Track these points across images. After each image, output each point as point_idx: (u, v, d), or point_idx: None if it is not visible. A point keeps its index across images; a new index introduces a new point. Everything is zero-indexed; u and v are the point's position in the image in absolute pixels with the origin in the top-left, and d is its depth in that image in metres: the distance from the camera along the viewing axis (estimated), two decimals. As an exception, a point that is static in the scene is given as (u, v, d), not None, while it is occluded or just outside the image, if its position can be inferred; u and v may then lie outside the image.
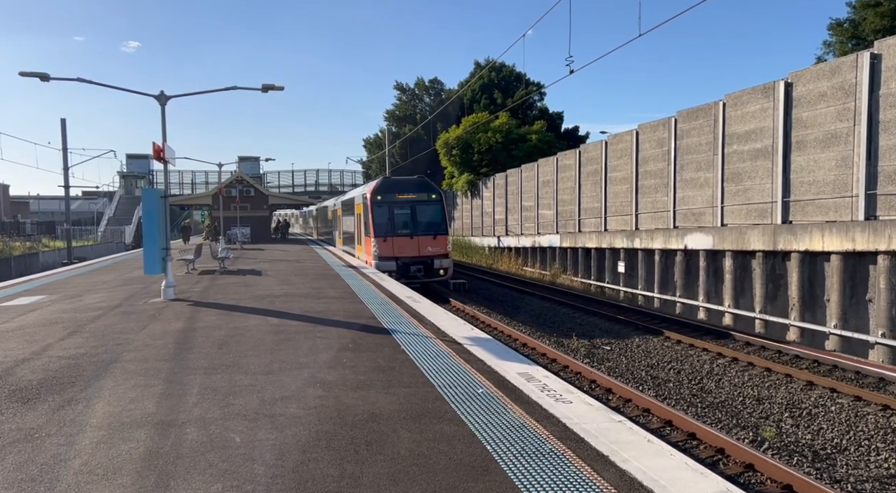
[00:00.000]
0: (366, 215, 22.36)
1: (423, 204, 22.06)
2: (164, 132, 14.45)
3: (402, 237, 21.34)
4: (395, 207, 21.72)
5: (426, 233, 21.61)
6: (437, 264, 21.45)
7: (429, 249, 21.35)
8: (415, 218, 21.73)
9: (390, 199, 21.78)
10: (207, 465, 4.62)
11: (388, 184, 22.58)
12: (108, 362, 7.94)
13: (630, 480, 4.21)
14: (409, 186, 22.51)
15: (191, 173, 66.58)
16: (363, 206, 22.94)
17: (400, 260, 21.04)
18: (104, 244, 50.98)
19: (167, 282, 13.90)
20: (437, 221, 21.95)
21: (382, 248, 21.13)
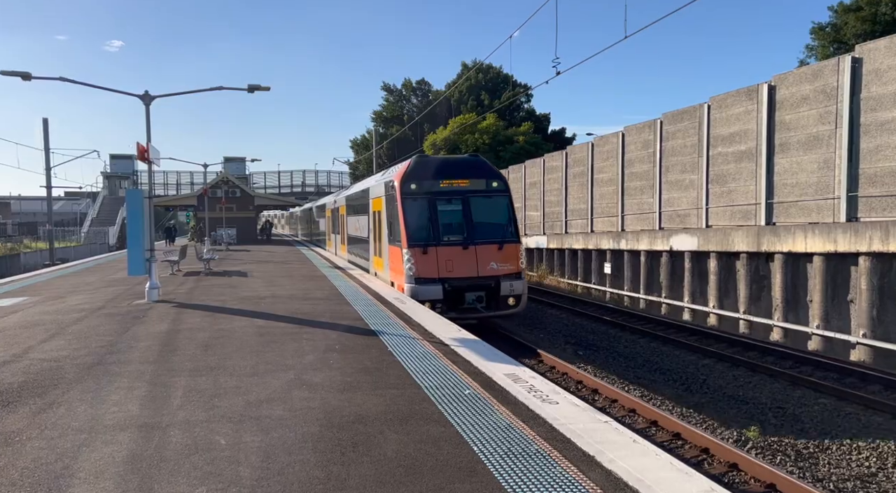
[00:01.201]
0: (390, 214, 15.28)
1: (482, 196, 14.69)
2: (149, 132, 14.31)
3: (451, 247, 13.98)
4: (440, 201, 14.46)
5: (489, 240, 14.25)
6: (506, 289, 13.91)
7: (493, 265, 13.97)
8: (469, 217, 14.38)
9: (431, 188, 14.54)
10: (192, 467, 4.58)
11: (426, 165, 15.09)
12: (90, 364, 7.84)
13: (616, 480, 4.22)
14: (459, 168, 15.06)
15: (176, 174, 66.05)
16: (385, 200, 15.83)
17: (449, 283, 13.73)
18: (87, 246, 50.38)
19: (151, 283, 13.76)
20: (503, 220, 14.72)
21: (421, 264, 13.81)
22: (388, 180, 15.63)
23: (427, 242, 14.00)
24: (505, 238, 14.43)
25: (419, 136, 53.94)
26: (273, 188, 64.77)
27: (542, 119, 53.70)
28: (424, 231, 14.15)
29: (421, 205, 14.39)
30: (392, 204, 14.99)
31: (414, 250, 13.89)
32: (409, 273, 13.77)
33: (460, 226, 14.36)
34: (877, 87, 13.84)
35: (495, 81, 55.09)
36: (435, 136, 45.81)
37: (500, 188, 14.95)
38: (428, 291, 13.63)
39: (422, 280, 13.71)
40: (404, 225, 14.13)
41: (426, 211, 14.34)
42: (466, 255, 13.98)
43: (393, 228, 15.10)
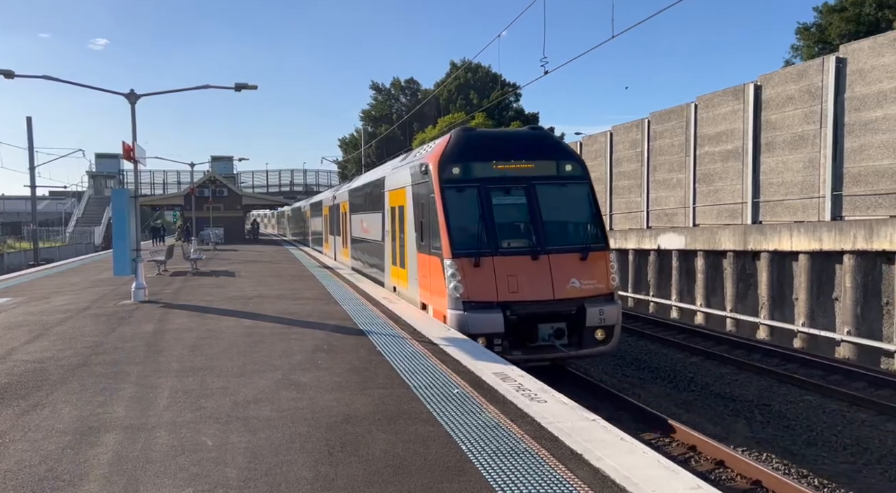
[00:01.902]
0: (421, 209, 11.25)
1: (553, 184, 10.69)
2: (135, 131, 14.18)
3: (515, 257, 10.06)
4: (495, 191, 10.48)
5: (567, 246, 10.31)
6: (594, 318, 9.90)
7: (575, 282, 10.04)
8: (538, 215, 10.36)
9: (482, 172, 10.55)
10: (178, 469, 4.54)
11: (473, 142, 11.00)
12: (75, 365, 7.76)
13: (603, 478, 4.24)
14: (519, 145, 11.05)
15: (162, 173, 65.50)
16: (413, 191, 11.76)
17: (514, 309, 9.69)
18: (72, 246, 49.87)
19: (137, 283, 13.64)
20: (584, 218, 10.67)
21: (472, 281, 9.86)
22: (419, 164, 11.35)
23: (480, 250, 9.78)
24: (589, 244, 10.19)
25: (408, 135, 53.88)
26: (261, 188, 64.40)
27: (530, 118, 53.84)
28: (475, 234, 9.93)
29: (469, 197, 10.28)
30: (424, 196, 10.95)
31: (461, 261, 9.72)
32: (453, 294, 9.62)
33: (525, 227, 10.21)
34: (860, 87, 14.00)
35: (484, 81, 55.17)
36: (424, 135, 45.79)
37: (576, 173, 10.78)
38: (483, 321, 9.37)
39: (473, 305, 9.54)
40: (445, 225, 10.01)
41: (477, 205, 10.15)
42: (537, 268, 9.85)
43: (426, 229, 10.87)
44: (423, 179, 11.12)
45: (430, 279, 10.77)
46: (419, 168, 11.28)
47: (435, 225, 10.43)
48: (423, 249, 11.10)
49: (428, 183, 10.78)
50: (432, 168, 10.64)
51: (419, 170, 11.28)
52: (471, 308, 9.62)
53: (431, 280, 10.66)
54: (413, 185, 11.77)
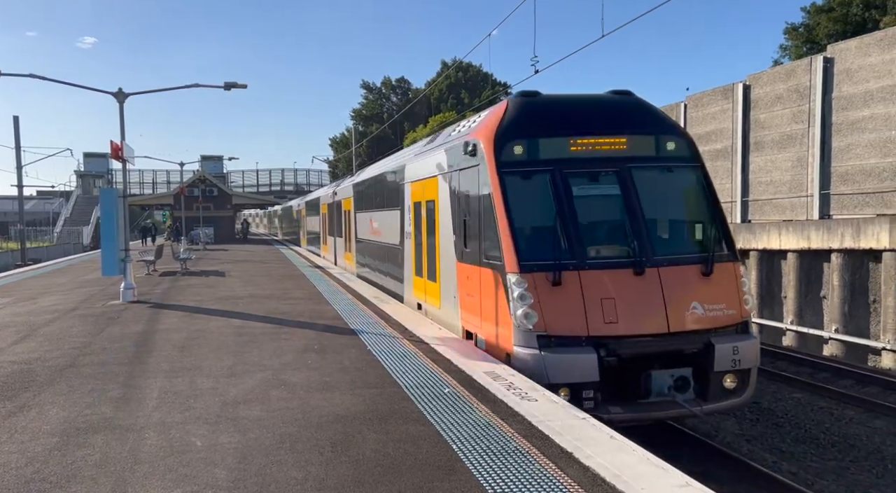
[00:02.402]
0: (463, 203, 8.76)
1: (654, 167, 8.04)
2: (123, 131, 14.09)
3: (609, 272, 7.30)
4: (576, 178, 7.78)
5: (681, 255, 7.60)
6: (724, 358, 7.05)
7: (696, 307, 7.21)
8: (636, 211, 7.59)
9: (555, 152, 7.84)
10: (167, 470, 4.51)
11: (540, 111, 8.22)
12: (63, 366, 7.69)
13: (593, 476, 4.25)
14: (604, 115, 8.29)
15: (151, 173, 65.05)
16: (450, 181, 9.27)
17: (612, 347, 6.88)
18: (60, 246, 49.45)
19: (126, 284, 13.55)
20: (699, 215, 8.08)
21: (551, 306, 7.07)
22: (461, 144, 8.56)
23: (560, 261, 7.06)
24: (711, 252, 7.43)
25: (399, 134, 53.83)
26: (251, 187, 64.11)
27: (521, 118, 53.85)
28: (552, 238, 7.21)
29: (539, 186, 7.67)
30: (470, 186, 8.35)
31: (534, 277, 7.04)
32: (523, 325, 6.92)
33: (622, 228, 7.51)
34: (848, 86, 14.12)
35: (475, 80, 55.21)
36: (415, 134, 45.77)
37: (683, 153, 8.03)
38: (567, 365, 6.73)
39: (553, 341, 6.87)
40: (508, 226, 7.31)
41: (551, 198, 7.50)
42: (642, 287, 7.10)
43: (472, 230, 8.27)
44: (468, 163, 8.30)
45: (480, 300, 7.96)
46: (462, 149, 8.43)
47: (489, 226, 7.65)
48: (469, 257, 8.35)
49: (477, 168, 8.01)
50: (484, 148, 7.81)
51: (462, 152, 8.44)
52: (549, 345, 6.79)
53: (484, 301, 7.83)
54: (451, 172, 9.07)
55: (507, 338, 7.21)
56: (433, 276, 10.12)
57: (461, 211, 8.73)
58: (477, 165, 8.10)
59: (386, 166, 14.75)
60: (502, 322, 7.34)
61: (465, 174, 8.55)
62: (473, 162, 8.21)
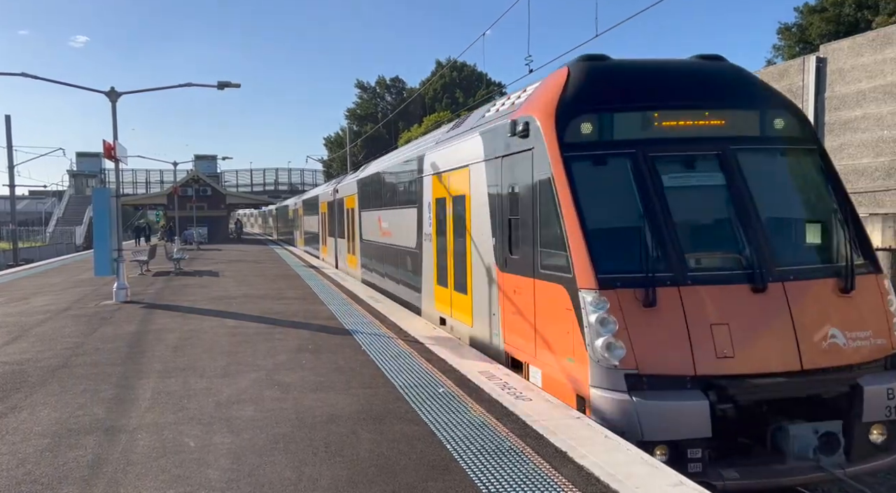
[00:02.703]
0: (515, 199, 6.92)
1: (763, 150, 6.20)
2: (115, 130, 14.03)
3: (716, 288, 5.46)
4: (664, 162, 5.96)
5: (810, 266, 5.77)
6: (875, 404, 5.22)
7: (836, 335, 5.41)
8: (747, 206, 5.79)
9: (637, 130, 6.06)
10: (160, 471, 4.49)
11: (615, 79, 6.40)
12: (55, 367, 7.65)
13: (587, 475, 4.25)
14: (691, 84, 6.44)
15: (145, 172, 64.73)
16: (497, 171, 7.41)
17: (726, 391, 5.05)
18: (53, 246, 49.16)
19: (119, 284, 13.49)
20: (826, 213, 6.12)
21: (644, 336, 5.27)
22: (506, 124, 6.94)
23: (652, 274, 5.44)
24: (849, 261, 5.79)
25: (394, 134, 53.80)
26: (245, 187, 63.91)
27: (516, 117, 53.92)
28: (637, 242, 5.62)
29: (616, 173, 6.08)
30: (520, 175, 6.75)
31: (619, 294, 5.43)
32: (605, 360, 5.28)
33: (728, 229, 5.91)
34: (840, 86, 14.19)
35: (469, 79, 55.23)
36: (410, 133, 45.75)
37: (795, 132, 6.34)
38: (669, 414, 5.11)
39: (646, 382, 5.26)
40: (579, 225, 5.71)
41: (634, 188, 5.90)
42: (762, 308, 5.49)
43: (523, 232, 6.72)
44: (516, 147, 6.71)
45: (534, 321, 6.34)
46: (508, 131, 6.78)
47: (549, 226, 6.06)
48: (517, 266, 6.75)
49: (530, 153, 6.38)
50: (542, 126, 6.14)
51: (507, 134, 6.80)
52: (641, 388, 5.12)
53: (541, 324, 6.21)
54: (489, 161, 7.51)
55: (580, 376, 5.44)
56: (462, 286, 8.48)
57: (504, 208, 7.08)
58: (530, 149, 6.39)
59: (398, 158, 13.08)
60: (571, 354, 5.57)
61: (512, 162, 6.87)
62: (524, 145, 6.50)
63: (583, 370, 5.44)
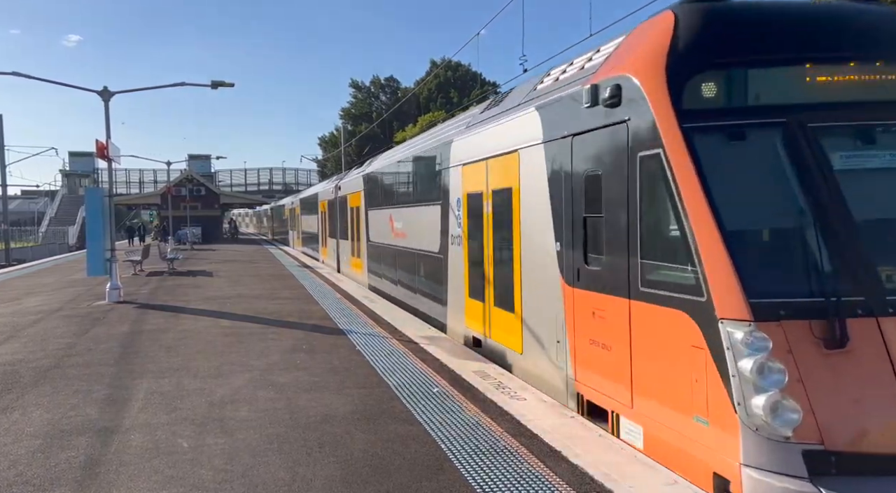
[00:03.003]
0: (611, 191, 4.97)
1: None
2: (108, 129, 13.97)
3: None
4: (828, 137, 4.23)
5: None
6: None
7: None
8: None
9: (786, 92, 4.32)
10: (153, 471, 4.46)
11: (742, 21, 4.55)
12: (47, 367, 7.60)
13: (582, 474, 4.25)
14: (852, 31, 4.52)
15: (139, 172, 64.47)
16: (566, 153, 5.65)
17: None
18: (46, 246, 48.88)
19: (112, 284, 13.42)
20: None
21: (827, 388, 3.62)
22: (588, 89, 5.19)
23: (836, 298, 3.77)
24: None
25: (388, 133, 53.75)
26: (239, 186, 63.74)
27: (510, 117, 53.89)
28: (804, 253, 4.01)
29: (762, 153, 4.36)
30: (606, 157, 5.14)
31: (784, 328, 3.74)
32: (766, 426, 3.57)
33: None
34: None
35: (464, 79, 55.21)
36: (405, 133, 45.72)
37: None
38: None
39: (837, 462, 3.55)
40: (715, 225, 4.00)
41: (791, 174, 4.20)
42: None
43: (612, 233, 5.05)
44: (599, 120, 5.08)
45: (633, 359, 4.75)
46: (586, 99, 5.16)
47: (663, 225, 4.54)
48: (599, 281, 5.16)
49: (624, 127, 4.81)
50: (645, 86, 4.59)
51: (585, 102, 5.16)
52: (829, 471, 3.59)
53: (644, 363, 4.64)
54: (558, 140, 5.76)
55: (720, 446, 3.85)
56: (506, 302, 6.95)
57: (575, 203, 5.45)
58: (622, 121, 4.76)
59: (414, 148, 11.51)
60: (703, 412, 3.98)
61: (591, 141, 5.20)
62: (612, 118, 4.86)
63: (727, 439, 3.75)
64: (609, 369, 5.02)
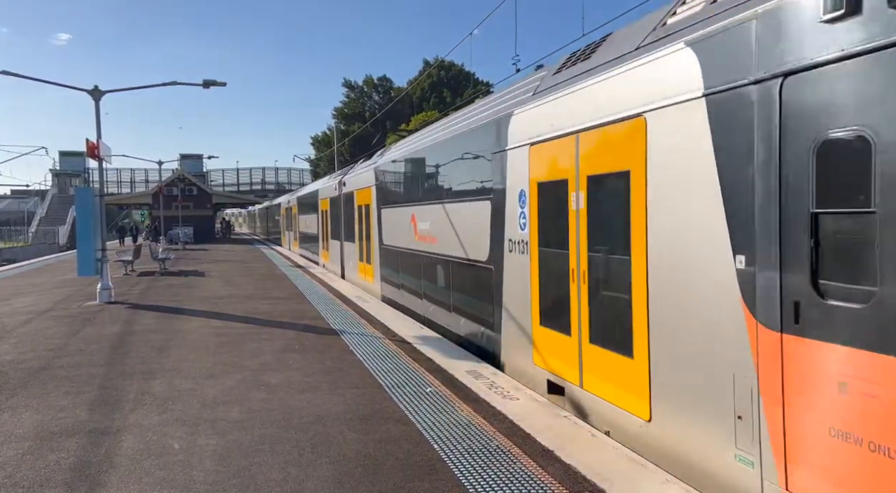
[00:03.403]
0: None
1: None
2: (99, 129, 13.88)
3: None
4: None
5: None
6: None
7: None
8: None
9: None
10: (143, 473, 4.43)
11: None
12: (37, 368, 7.54)
13: (574, 474, 4.26)
14: None
15: (130, 171, 64.10)
16: (769, 112, 3.48)
17: None
18: (36, 246, 48.52)
19: (103, 284, 13.34)
20: None
21: None
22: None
23: None
24: None
25: (381, 133, 53.65)
26: (231, 186, 63.46)
27: (503, 117, 53.90)
28: None
29: None
30: (868, 110, 3.00)
31: None
32: None
33: None
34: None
35: (457, 79, 55.21)
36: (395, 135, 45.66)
37: None
38: None
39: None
40: None
41: None
42: None
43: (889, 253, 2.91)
44: (869, 34, 3.01)
45: None
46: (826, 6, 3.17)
47: None
48: (878, 333, 2.99)
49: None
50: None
51: (824, 12, 3.18)
52: None
53: None
54: (735, 90, 3.82)
55: None
56: (615, 339, 5.08)
57: (791, 191, 3.47)
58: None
59: (447, 131, 9.47)
60: None
61: (835, 80, 3.22)
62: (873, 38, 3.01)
63: None
64: (872, 479, 2.99)
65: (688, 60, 4.24)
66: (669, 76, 4.43)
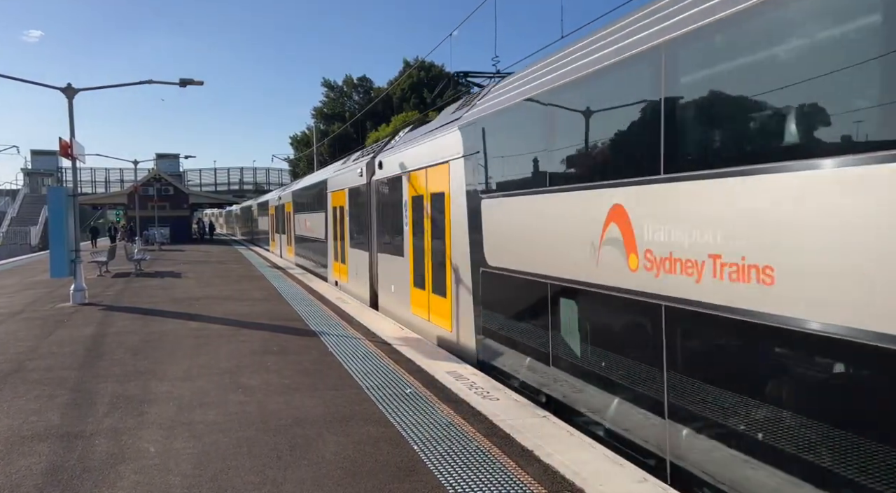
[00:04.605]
0: None
1: None
2: (72, 128, 13.62)
3: None
4: None
5: None
6: None
7: None
8: None
9: None
10: (118, 478, 4.36)
11: None
12: (7, 372, 7.38)
13: (553, 473, 4.28)
14: None
15: (105, 171, 63.02)
16: None
17: None
18: (6, 246, 47.45)
19: (76, 285, 13.10)
20: None
21: None
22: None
23: None
24: None
25: (361, 133, 53.46)
26: (209, 186, 62.71)
27: (483, 118, 53.98)
28: None
29: None
30: None
31: None
32: None
33: None
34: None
35: (437, 79, 55.17)
36: (377, 133, 45.52)
37: None
38: None
39: None
40: None
41: None
42: None
43: None
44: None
45: None
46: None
47: None
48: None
49: None
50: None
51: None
52: None
53: None
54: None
55: None
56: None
57: None
58: None
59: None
60: None
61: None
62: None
63: None
64: None
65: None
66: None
